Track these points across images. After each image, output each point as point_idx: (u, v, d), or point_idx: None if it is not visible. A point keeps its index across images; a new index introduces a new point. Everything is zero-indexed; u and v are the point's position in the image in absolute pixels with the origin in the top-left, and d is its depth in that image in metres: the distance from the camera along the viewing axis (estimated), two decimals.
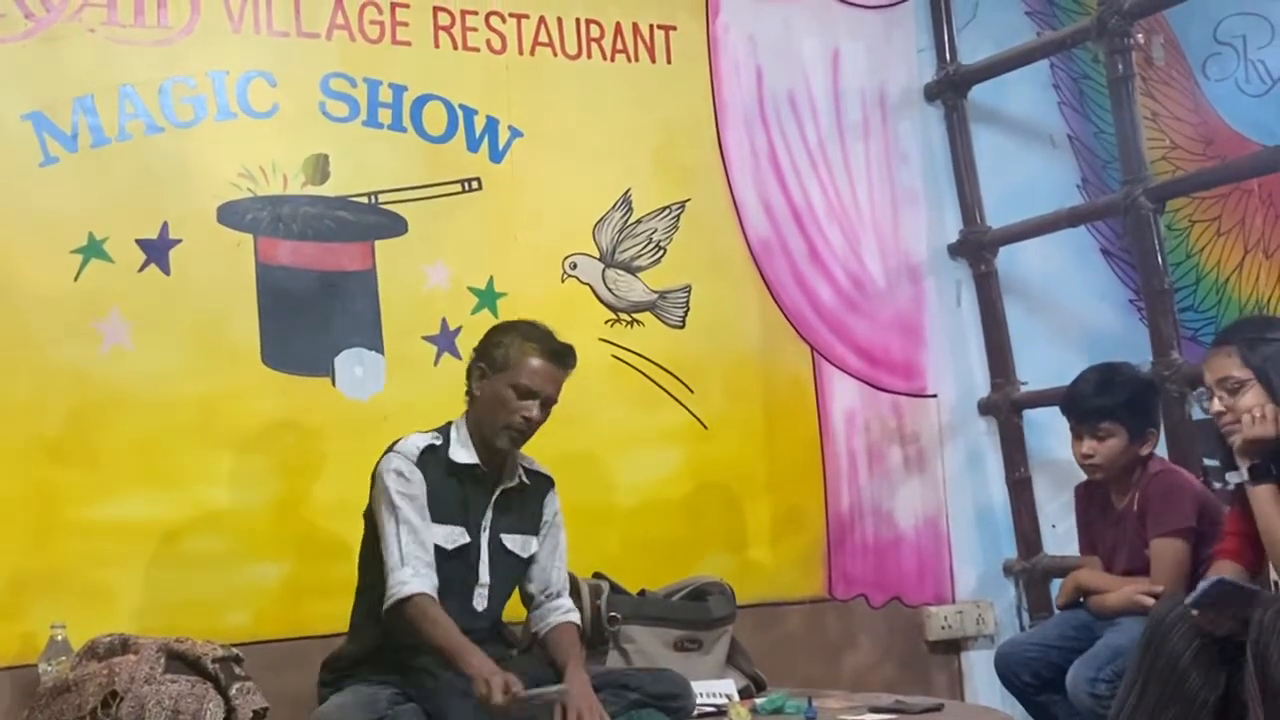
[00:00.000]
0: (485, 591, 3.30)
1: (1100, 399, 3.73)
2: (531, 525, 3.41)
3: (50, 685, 2.77)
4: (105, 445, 3.67)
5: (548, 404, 3.30)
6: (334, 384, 3.94)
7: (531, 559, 3.40)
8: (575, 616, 3.43)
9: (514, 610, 3.53)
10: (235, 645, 3.13)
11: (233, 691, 2.80)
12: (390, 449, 3.29)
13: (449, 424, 3.37)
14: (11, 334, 3.61)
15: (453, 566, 3.24)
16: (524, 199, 4.22)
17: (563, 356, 3.31)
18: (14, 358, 3.61)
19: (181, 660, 2.81)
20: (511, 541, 3.36)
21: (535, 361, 3.26)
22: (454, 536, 3.26)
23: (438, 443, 3.30)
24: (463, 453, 3.30)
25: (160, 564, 3.68)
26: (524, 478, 3.39)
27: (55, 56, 3.72)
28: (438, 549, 3.21)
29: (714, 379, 4.44)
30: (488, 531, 3.32)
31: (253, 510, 3.80)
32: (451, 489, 3.28)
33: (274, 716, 2.93)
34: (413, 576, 3.12)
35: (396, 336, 3.99)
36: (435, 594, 3.12)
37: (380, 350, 3.99)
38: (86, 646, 2.88)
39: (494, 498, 3.33)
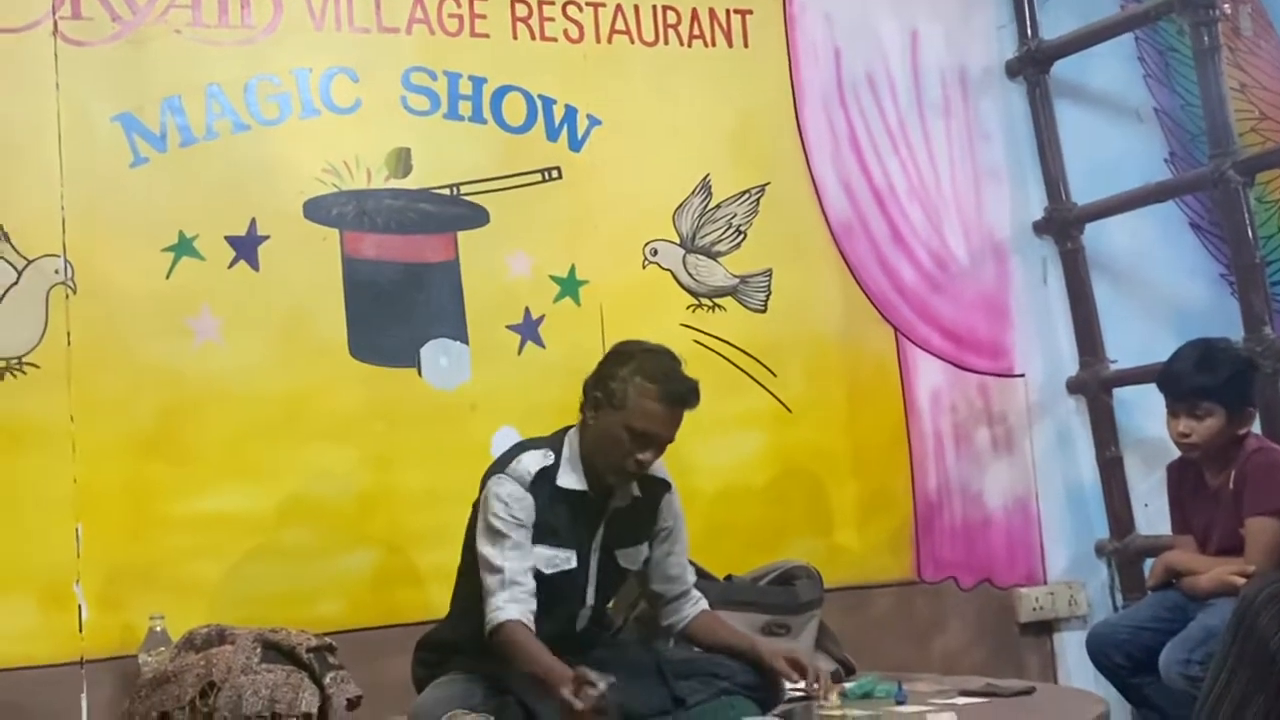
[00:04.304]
0: (588, 613, 3.27)
1: (1199, 378, 3.67)
2: (644, 533, 3.32)
3: (150, 676, 2.83)
4: (197, 440, 3.74)
5: (664, 445, 3.16)
6: (420, 374, 3.98)
7: (643, 565, 3.35)
8: (706, 605, 3.42)
9: None
10: (328, 634, 3.17)
11: (327, 680, 2.83)
12: (504, 466, 3.18)
13: (563, 435, 3.24)
14: (105, 332, 3.69)
15: (555, 590, 3.16)
16: (603, 187, 4.23)
17: (684, 399, 3.14)
18: (108, 355, 3.68)
19: (276, 650, 2.85)
20: (624, 557, 3.29)
21: (653, 405, 3.09)
22: (557, 561, 3.16)
23: (549, 463, 3.17)
24: (572, 478, 3.17)
25: (253, 556, 3.74)
26: (636, 491, 3.27)
27: (142, 58, 3.78)
28: (537, 573, 3.12)
29: (797, 362, 4.43)
30: (599, 552, 3.24)
31: (343, 501, 3.86)
32: (560, 513, 3.16)
33: (367, 704, 2.96)
34: (510, 603, 3.04)
35: (480, 326, 4.02)
36: (530, 618, 3.04)
37: (465, 340, 4.02)
38: (184, 638, 2.94)
39: (605, 518, 3.24)
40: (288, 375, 3.84)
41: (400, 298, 3.97)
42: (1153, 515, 4.57)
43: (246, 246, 3.84)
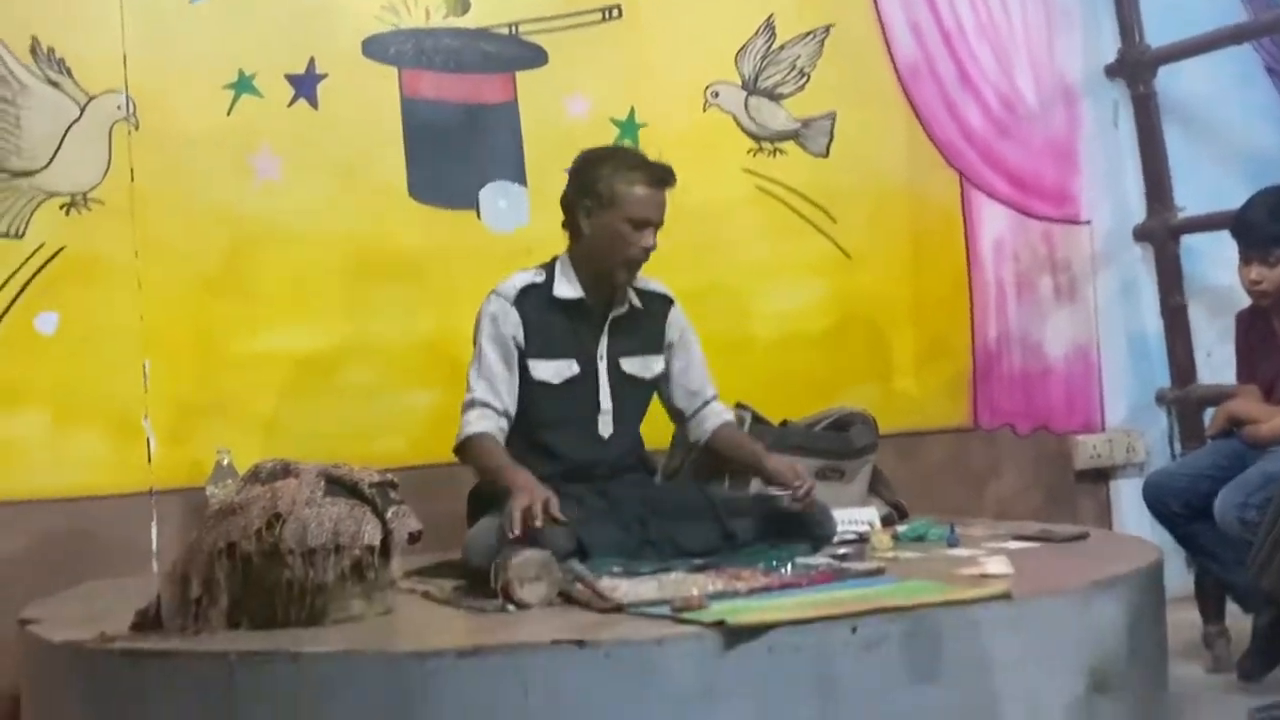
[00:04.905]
0: (609, 418, 3.35)
1: (1273, 225, 3.61)
2: (652, 346, 3.42)
3: (217, 508, 2.88)
4: (260, 279, 3.79)
5: (658, 228, 3.28)
6: (479, 217, 3.99)
7: (657, 380, 3.43)
8: (731, 416, 3.49)
9: (654, 438, 3.59)
10: (389, 470, 3.21)
11: (389, 514, 2.87)
12: (495, 289, 3.33)
13: (553, 260, 3.36)
14: (167, 169, 3.71)
15: (567, 398, 3.30)
16: (665, 27, 4.17)
17: (666, 179, 3.27)
18: (170, 192, 3.72)
19: (339, 485, 2.88)
20: (631, 364, 3.38)
21: (643, 192, 3.23)
22: (562, 370, 3.30)
23: (539, 280, 3.32)
24: (567, 288, 3.31)
25: (316, 393, 3.82)
26: (635, 301, 3.39)
27: None
28: (544, 385, 3.28)
29: (858, 208, 4.39)
30: (605, 360, 3.35)
31: (403, 341, 3.91)
32: (557, 323, 3.30)
33: (427, 538, 3.01)
34: (479, 419, 3.22)
35: (539, 169, 4.01)
36: (500, 435, 3.22)
37: (523, 183, 4.01)
38: (250, 471, 2.98)
39: (606, 326, 3.35)
40: (347, 215, 3.86)
41: (459, 139, 3.96)
42: (1215, 365, 4.54)
43: (306, 85, 3.83)
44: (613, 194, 3.23)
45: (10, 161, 3.60)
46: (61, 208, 3.63)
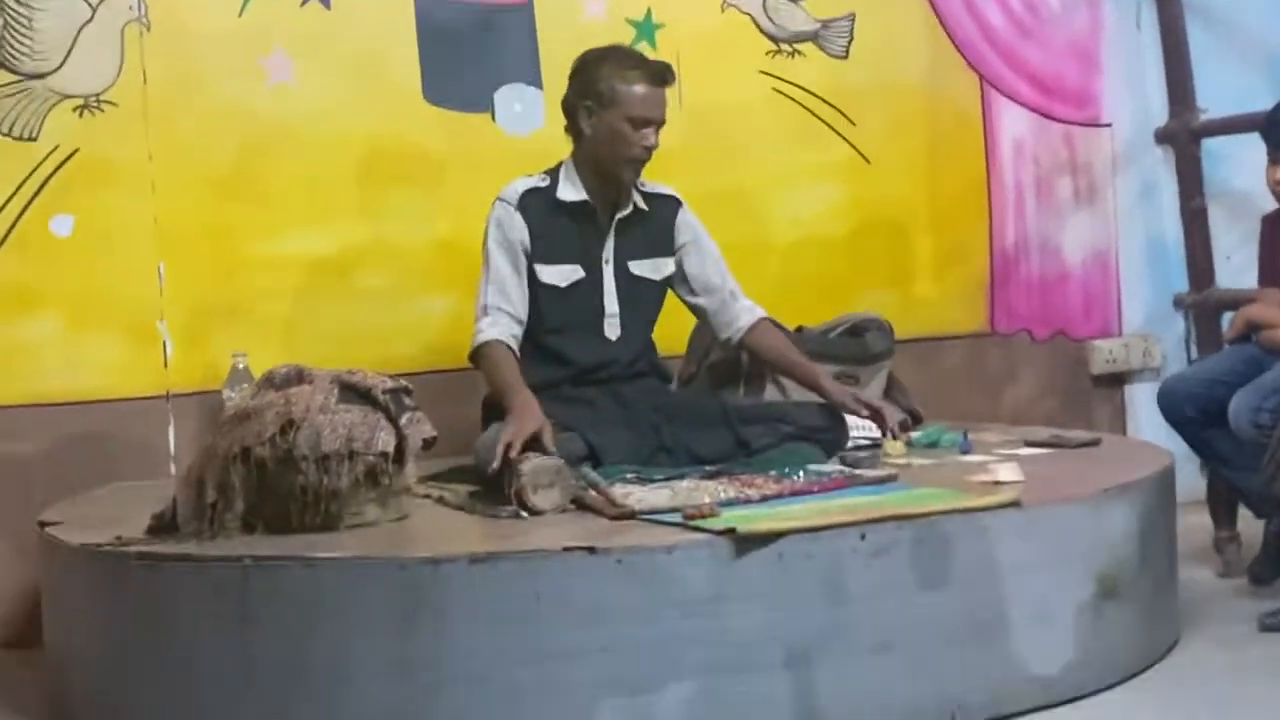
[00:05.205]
0: (615, 321, 3.35)
1: None
2: (662, 248, 3.40)
3: (232, 413, 2.90)
4: (274, 182, 3.77)
5: (660, 126, 3.26)
6: (494, 120, 3.96)
7: (668, 281, 3.42)
8: (765, 313, 3.47)
9: (670, 345, 3.60)
10: (404, 375, 3.22)
11: (403, 421, 2.88)
12: (498, 195, 3.33)
13: (558, 165, 3.35)
14: (180, 70, 3.69)
15: (573, 302, 3.31)
16: None
17: (665, 76, 3.25)
18: (183, 94, 3.69)
19: (353, 391, 2.90)
20: (640, 267, 3.37)
21: (642, 89, 3.21)
22: (567, 274, 3.30)
23: (543, 184, 3.31)
24: (571, 191, 3.30)
25: (331, 297, 3.82)
26: (641, 203, 3.37)
27: None
28: (552, 289, 3.28)
29: (877, 111, 4.35)
30: (611, 263, 3.34)
31: (418, 245, 3.90)
32: (561, 227, 3.30)
33: (444, 442, 3.03)
34: (490, 326, 3.22)
35: (554, 72, 3.93)
36: (513, 341, 3.22)
37: (539, 86, 3.97)
38: (264, 376, 2.99)
39: (612, 228, 3.34)
40: (361, 118, 3.84)
41: (474, 41, 3.92)
42: (1234, 269, 4.50)
43: None
44: (613, 93, 3.21)
45: (22, 64, 3.58)
46: (75, 110, 3.61)
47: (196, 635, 2.60)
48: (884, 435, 3.33)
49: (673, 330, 3.58)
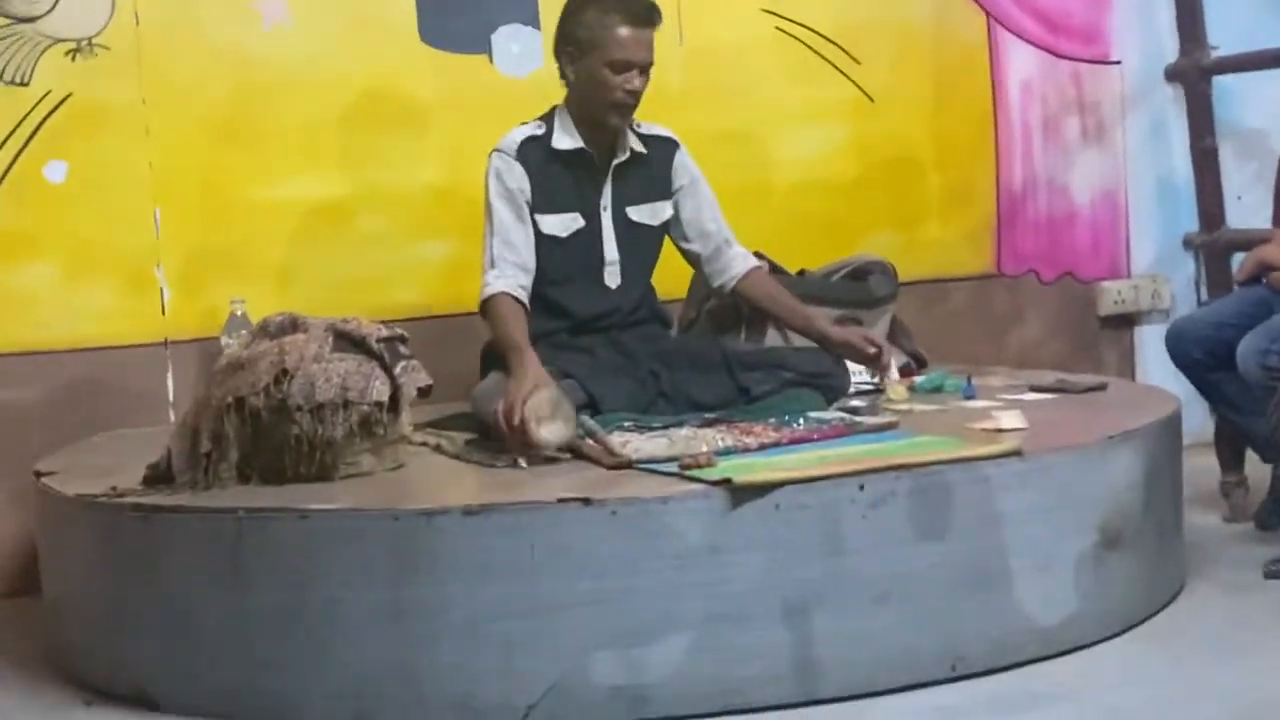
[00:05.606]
0: (615, 269, 3.31)
1: None
2: (659, 191, 3.35)
3: (226, 362, 2.88)
4: (270, 126, 3.73)
5: (646, 69, 3.18)
6: (491, 61, 3.90)
7: (667, 226, 3.38)
8: (756, 261, 3.43)
9: (670, 289, 3.56)
10: (401, 321, 3.21)
11: (398, 370, 2.86)
12: (495, 146, 3.26)
13: (553, 110, 3.29)
14: (173, 12, 3.64)
15: (573, 252, 3.26)
16: None
17: (648, 16, 3.17)
18: (177, 37, 3.65)
19: (348, 340, 2.88)
20: (638, 213, 3.33)
21: (623, 31, 3.13)
22: (567, 223, 3.25)
23: (540, 132, 3.26)
24: (565, 139, 3.24)
25: (328, 242, 3.78)
26: (638, 146, 3.32)
27: None
28: (553, 239, 3.23)
29: (881, 49, 4.27)
30: (609, 210, 3.29)
31: (416, 189, 3.86)
32: (559, 176, 3.24)
33: (442, 389, 3.01)
34: (497, 278, 3.14)
35: (552, 12, 3.84)
36: (521, 292, 3.15)
37: (537, 26, 3.92)
38: (258, 325, 2.97)
39: (609, 175, 3.29)
40: (357, 60, 3.79)
41: None
42: (1245, 210, 4.44)
43: None
44: (592, 38, 3.15)
45: (13, 6, 3.53)
46: (67, 54, 3.57)
47: (191, 586, 2.60)
48: (873, 378, 3.31)
49: (672, 274, 3.54)
